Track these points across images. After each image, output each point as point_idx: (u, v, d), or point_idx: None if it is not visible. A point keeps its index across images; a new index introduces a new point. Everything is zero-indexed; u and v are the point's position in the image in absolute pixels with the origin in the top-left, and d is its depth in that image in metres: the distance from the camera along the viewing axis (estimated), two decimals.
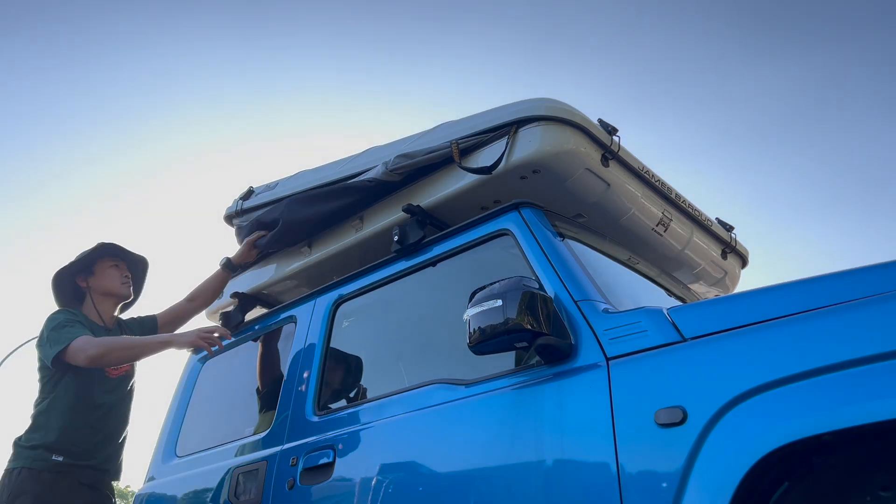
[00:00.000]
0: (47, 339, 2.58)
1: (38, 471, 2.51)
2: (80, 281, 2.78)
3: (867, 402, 1.16)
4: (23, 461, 2.55)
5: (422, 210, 2.47)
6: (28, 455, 2.56)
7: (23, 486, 2.47)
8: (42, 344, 2.60)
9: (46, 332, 2.60)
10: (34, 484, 2.50)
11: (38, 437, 2.57)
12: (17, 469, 2.53)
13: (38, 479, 2.51)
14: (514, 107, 2.36)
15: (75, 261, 2.74)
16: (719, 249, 2.96)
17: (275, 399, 2.58)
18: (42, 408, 2.59)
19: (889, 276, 1.37)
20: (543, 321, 1.70)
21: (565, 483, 1.53)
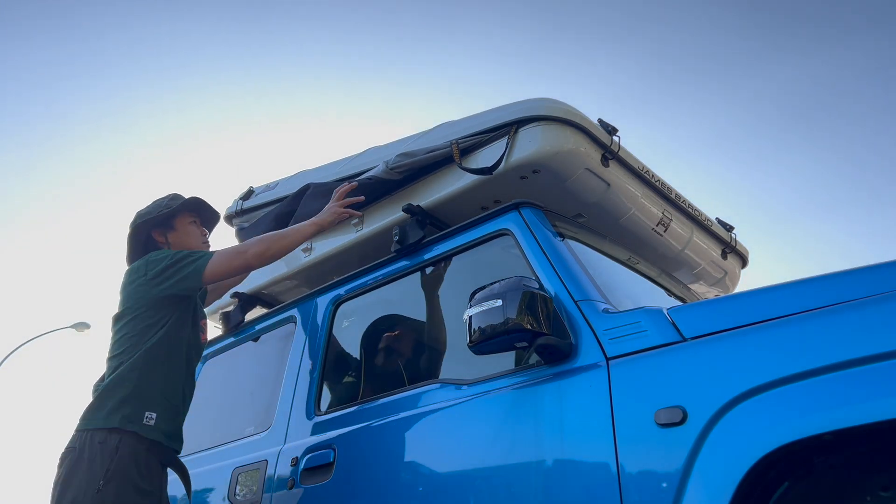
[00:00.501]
0: (167, 271, 2.16)
1: (130, 439, 2.01)
2: (157, 235, 2.38)
3: (867, 402, 1.16)
4: (116, 422, 2.01)
5: (422, 210, 2.47)
6: (121, 416, 2.03)
7: (123, 464, 1.95)
8: (159, 278, 2.16)
9: (161, 266, 2.17)
10: (132, 461, 1.98)
11: (128, 397, 2.05)
12: (104, 432, 1.99)
13: (134, 452, 2.00)
14: (514, 107, 2.36)
15: (155, 213, 2.37)
16: (719, 249, 2.96)
17: (275, 399, 2.58)
18: (133, 363, 2.09)
19: (889, 276, 1.37)
20: (543, 321, 1.70)
21: (565, 483, 1.53)
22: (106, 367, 2.13)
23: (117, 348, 2.12)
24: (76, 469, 1.93)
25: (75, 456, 1.96)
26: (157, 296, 2.15)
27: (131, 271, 2.21)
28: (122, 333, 2.13)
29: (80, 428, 2.03)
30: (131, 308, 2.16)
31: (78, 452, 1.96)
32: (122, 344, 2.12)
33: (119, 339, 2.13)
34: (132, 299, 2.16)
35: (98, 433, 1.98)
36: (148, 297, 2.15)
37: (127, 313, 2.15)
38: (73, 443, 2.01)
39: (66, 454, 2.00)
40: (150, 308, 2.15)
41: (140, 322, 2.13)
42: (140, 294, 2.16)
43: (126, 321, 2.14)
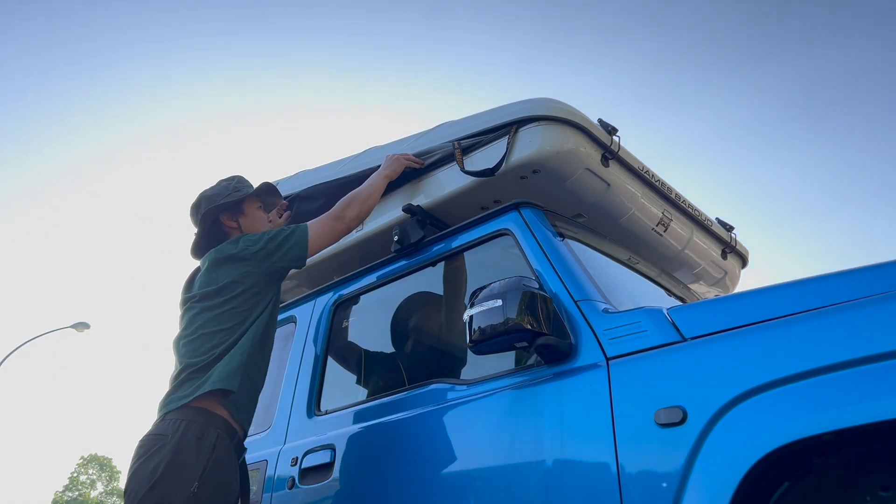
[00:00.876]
0: (270, 245, 2.10)
1: (224, 436, 1.90)
2: (227, 220, 2.27)
3: (867, 402, 1.16)
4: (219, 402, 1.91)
5: (422, 210, 2.47)
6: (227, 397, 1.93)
7: (219, 465, 1.83)
8: (262, 253, 2.09)
9: (262, 243, 2.10)
10: (227, 461, 1.86)
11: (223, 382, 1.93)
12: (200, 425, 1.86)
13: (228, 451, 1.89)
14: (514, 107, 2.36)
15: (225, 198, 2.27)
16: (719, 249, 2.96)
17: (275, 399, 2.58)
18: (236, 341, 2.00)
19: (889, 276, 1.37)
20: (543, 321, 1.70)
21: (565, 483, 1.53)
22: (192, 348, 2.00)
23: (213, 326, 2.01)
24: (169, 463, 1.77)
25: (167, 447, 1.79)
26: (266, 271, 2.09)
27: (222, 253, 2.11)
28: (221, 311, 2.03)
29: (175, 407, 1.87)
30: (230, 286, 2.05)
31: (172, 445, 1.80)
32: (219, 322, 2.01)
33: (215, 317, 2.02)
34: (229, 277, 2.06)
35: (195, 426, 1.84)
36: (254, 274, 2.08)
37: (225, 292, 2.05)
38: (162, 429, 1.84)
39: (155, 441, 1.82)
40: (254, 286, 2.08)
41: (243, 300, 2.05)
42: (244, 271, 2.07)
43: (225, 299, 2.04)
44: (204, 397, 1.89)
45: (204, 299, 2.06)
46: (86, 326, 17.33)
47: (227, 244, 2.14)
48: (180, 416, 1.85)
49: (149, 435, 1.87)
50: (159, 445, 1.80)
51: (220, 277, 2.07)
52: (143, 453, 1.82)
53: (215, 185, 2.36)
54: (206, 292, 2.07)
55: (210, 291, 2.06)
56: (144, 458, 1.80)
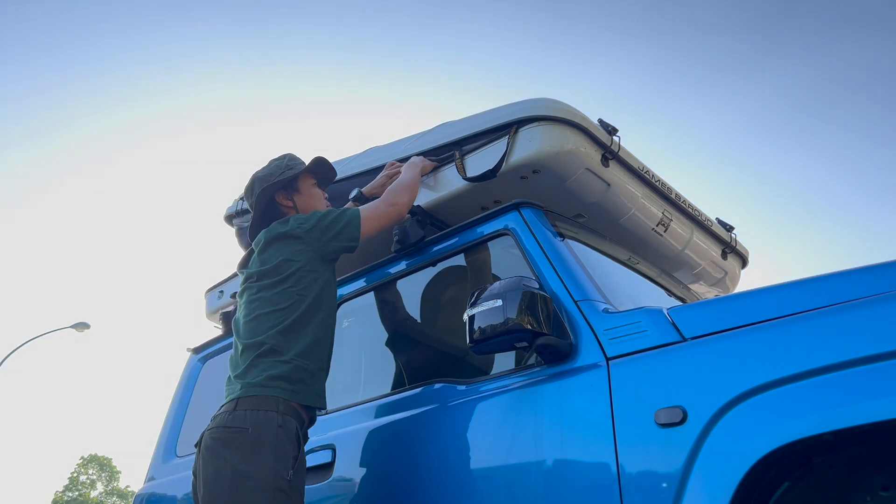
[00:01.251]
0: (322, 225, 2.07)
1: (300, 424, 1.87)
2: (282, 199, 2.24)
3: (867, 402, 1.16)
4: (287, 392, 1.85)
5: (422, 210, 2.48)
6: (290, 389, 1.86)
7: (277, 445, 1.77)
8: (315, 233, 2.06)
9: (314, 224, 2.07)
10: (286, 445, 1.80)
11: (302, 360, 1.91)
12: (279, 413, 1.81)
13: (288, 436, 1.82)
14: (514, 107, 2.36)
15: (278, 176, 2.23)
16: (719, 249, 2.96)
17: None
18: (288, 325, 1.94)
19: (889, 276, 1.37)
20: (543, 321, 1.70)
21: (565, 483, 1.53)
22: (250, 328, 1.97)
23: (269, 306, 1.97)
24: (257, 453, 1.73)
25: (250, 438, 1.75)
26: (319, 251, 2.06)
27: (273, 233, 2.08)
28: (276, 291, 1.99)
29: (246, 395, 1.83)
30: (283, 265, 2.02)
31: (254, 435, 1.76)
32: (275, 302, 1.97)
33: (271, 298, 1.98)
34: (281, 256, 2.03)
35: (273, 415, 1.79)
36: (307, 252, 2.04)
37: (278, 271, 2.01)
38: (239, 421, 1.79)
39: (234, 434, 1.77)
40: (308, 265, 2.03)
41: (296, 279, 2.00)
42: (296, 249, 2.04)
43: (279, 278, 2.00)
44: (272, 385, 1.85)
45: (259, 279, 2.03)
46: (86, 326, 17.34)
47: (276, 224, 2.11)
48: (255, 406, 1.81)
49: (224, 427, 1.80)
50: (241, 439, 1.76)
51: (271, 257, 2.04)
52: (221, 446, 1.77)
53: (266, 165, 2.31)
54: (260, 272, 2.03)
55: (264, 271, 2.03)
56: (225, 451, 1.75)
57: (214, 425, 1.83)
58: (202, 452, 1.82)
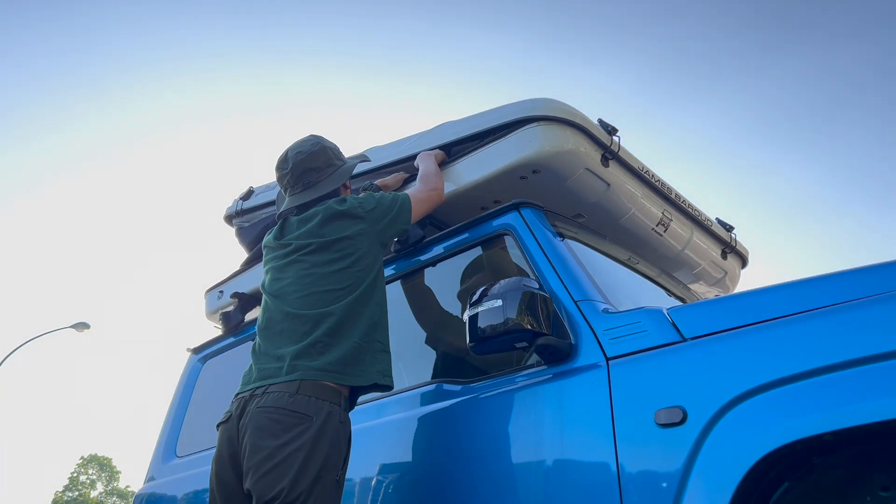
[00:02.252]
0: (381, 208, 2.07)
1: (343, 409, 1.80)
2: (343, 191, 2.23)
3: (867, 402, 1.16)
4: (374, 376, 1.84)
5: None
6: (378, 370, 1.86)
7: (336, 440, 1.73)
8: (375, 215, 2.05)
9: (372, 203, 2.06)
10: (344, 441, 1.77)
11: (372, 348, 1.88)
12: (341, 408, 1.78)
13: (346, 432, 1.79)
14: (514, 107, 2.36)
15: (349, 160, 2.27)
16: (719, 249, 2.96)
17: None
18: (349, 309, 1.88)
19: (889, 276, 1.37)
20: (543, 321, 1.70)
21: (565, 483, 1.53)
22: (307, 303, 1.89)
23: (325, 284, 1.91)
24: (316, 447, 1.67)
25: (313, 429, 1.69)
26: (377, 232, 2.05)
27: (334, 209, 2.03)
28: (334, 269, 1.93)
29: (312, 379, 1.76)
30: (342, 242, 1.97)
31: (318, 428, 1.69)
32: (333, 281, 1.91)
33: (328, 275, 1.92)
34: (341, 233, 1.98)
35: (336, 409, 1.75)
36: (368, 234, 2.02)
37: (337, 248, 1.96)
38: (303, 407, 1.71)
39: (295, 421, 1.69)
40: (367, 247, 2.00)
41: (355, 260, 1.95)
42: (358, 229, 2.00)
43: (337, 256, 1.95)
44: (336, 371, 1.79)
45: (315, 253, 1.96)
46: (86, 326, 17.34)
47: (334, 202, 2.06)
48: (320, 394, 1.74)
49: (286, 410, 1.71)
50: (304, 426, 1.69)
51: (330, 232, 1.98)
52: (281, 430, 1.69)
53: (320, 138, 2.25)
54: (318, 245, 1.97)
55: (322, 244, 1.97)
56: (285, 435, 1.68)
57: (271, 404, 1.72)
58: (253, 430, 1.71)
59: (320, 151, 2.17)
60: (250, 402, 1.77)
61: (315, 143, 2.19)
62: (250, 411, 1.75)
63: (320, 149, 2.18)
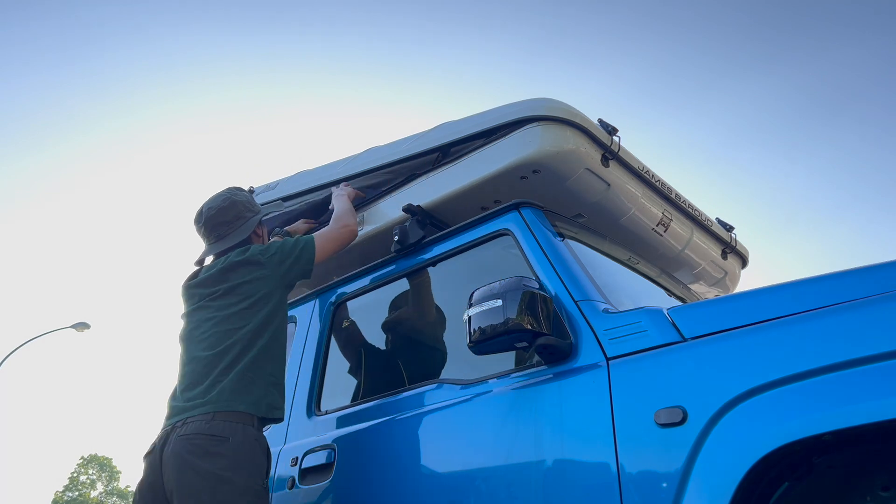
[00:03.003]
0: (282, 253, 2.25)
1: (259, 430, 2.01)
2: (257, 229, 2.45)
3: (867, 402, 1.16)
4: (263, 410, 2.02)
5: (422, 210, 2.47)
6: (267, 403, 2.04)
7: (254, 456, 1.94)
8: (279, 261, 2.23)
9: (278, 253, 2.24)
10: (262, 457, 1.98)
11: (271, 382, 2.08)
12: (254, 428, 1.97)
13: (262, 448, 1.99)
14: (514, 107, 2.36)
15: (260, 209, 2.49)
16: (719, 249, 2.96)
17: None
18: (265, 345, 2.10)
19: (889, 276, 1.37)
20: (543, 321, 1.70)
21: (565, 483, 1.53)
22: (210, 343, 2.09)
23: (228, 324, 2.11)
24: (238, 465, 1.87)
25: (232, 450, 1.89)
26: (279, 276, 2.22)
27: (239, 257, 2.22)
28: (236, 310, 2.13)
29: (223, 409, 1.95)
30: (244, 287, 2.17)
31: (235, 448, 1.90)
32: (234, 321, 2.11)
33: (230, 316, 2.12)
34: (243, 279, 2.18)
35: (250, 429, 1.95)
36: (269, 278, 2.20)
37: (239, 292, 2.16)
38: (220, 430, 1.91)
39: (214, 443, 1.89)
40: (267, 289, 2.18)
41: (255, 301, 2.15)
42: (259, 275, 2.19)
43: (240, 299, 2.15)
44: (242, 401, 1.98)
45: (220, 298, 2.17)
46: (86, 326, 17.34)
47: (239, 251, 2.26)
48: (232, 419, 1.94)
49: (204, 435, 1.90)
50: (222, 447, 1.89)
51: (233, 278, 2.18)
52: (202, 452, 1.87)
53: (236, 191, 2.46)
54: (222, 291, 2.17)
55: (225, 290, 2.17)
56: (205, 456, 1.87)
57: (190, 432, 1.91)
58: (174, 458, 1.90)
59: (230, 206, 2.38)
60: (172, 434, 1.96)
61: (226, 198, 2.40)
62: (172, 440, 1.94)
63: (230, 204, 2.39)
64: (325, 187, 2.93)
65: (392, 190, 2.68)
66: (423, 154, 2.60)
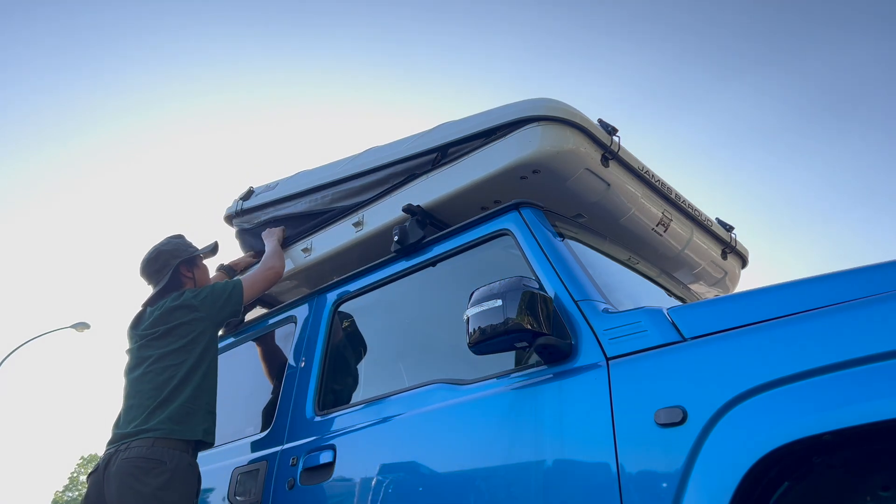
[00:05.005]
0: (219, 300, 2.51)
1: (191, 461, 2.24)
2: (185, 271, 2.68)
3: (867, 402, 1.16)
4: (200, 434, 2.26)
5: (422, 210, 2.47)
6: (203, 429, 2.28)
7: (187, 479, 2.18)
8: (215, 307, 2.49)
9: (211, 297, 2.50)
10: (194, 480, 2.24)
11: (206, 410, 2.33)
12: (189, 454, 2.22)
13: (194, 473, 2.25)
14: (514, 107, 2.36)
15: (185, 253, 2.69)
16: (719, 249, 2.96)
17: (275, 399, 2.58)
18: (202, 376, 2.36)
19: (889, 276, 1.37)
20: (543, 321, 1.70)
21: (565, 483, 1.53)
22: (149, 378, 2.32)
23: (166, 361, 2.35)
24: (171, 486, 2.11)
25: (168, 472, 2.12)
26: (212, 317, 2.48)
27: (174, 302, 2.47)
28: (172, 348, 2.37)
29: (162, 436, 2.17)
30: (179, 328, 2.41)
31: (171, 471, 2.13)
32: (171, 358, 2.35)
33: (167, 354, 2.36)
34: (178, 320, 2.42)
35: (185, 455, 2.19)
36: (203, 320, 2.45)
37: (175, 333, 2.40)
38: (159, 455, 2.14)
39: (153, 465, 2.12)
40: (200, 329, 2.43)
41: (189, 340, 2.40)
42: (192, 317, 2.44)
43: (175, 338, 2.39)
44: (177, 429, 2.21)
45: (158, 339, 2.41)
46: (86, 326, 17.33)
47: (173, 297, 2.50)
48: (169, 447, 2.17)
49: (144, 458, 2.13)
50: (159, 469, 2.12)
51: (171, 320, 2.43)
52: (139, 473, 2.11)
53: (166, 242, 2.72)
54: (158, 333, 2.42)
55: (162, 332, 2.41)
56: (142, 478, 2.10)
57: (132, 455, 2.14)
58: (116, 478, 2.12)
59: (155, 257, 2.66)
60: (115, 456, 2.18)
61: (153, 250, 2.68)
62: (115, 462, 2.17)
63: (156, 255, 2.66)
64: (326, 187, 2.93)
65: (392, 190, 2.67)
66: (423, 154, 2.60)
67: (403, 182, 2.64)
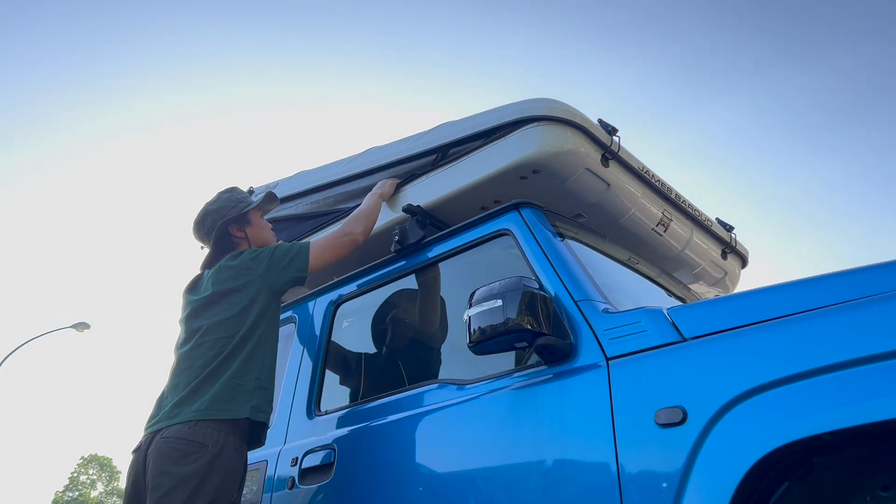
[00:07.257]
0: (272, 259, 2.21)
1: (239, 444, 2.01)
2: (235, 231, 2.37)
3: (867, 402, 1.16)
4: (247, 411, 2.02)
5: (422, 210, 2.47)
6: (251, 406, 2.04)
7: (230, 465, 1.96)
8: (273, 269, 2.20)
9: (270, 259, 2.21)
10: (239, 467, 2.01)
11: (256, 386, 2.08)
12: (237, 437, 1.99)
13: (241, 458, 2.02)
14: (514, 107, 2.36)
15: (232, 210, 2.38)
16: (719, 249, 2.96)
17: (275, 399, 2.58)
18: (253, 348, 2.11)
19: (889, 276, 1.37)
20: (543, 321, 1.70)
21: (565, 483, 1.53)
22: (200, 352, 2.09)
23: (216, 333, 2.10)
24: (211, 472, 1.90)
25: (208, 457, 1.91)
26: (268, 283, 2.20)
27: (226, 265, 2.21)
28: (224, 318, 2.12)
29: (205, 417, 1.96)
30: (232, 295, 2.15)
31: (213, 455, 1.92)
32: (222, 330, 2.10)
33: (218, 324, 2.11)
34: (231, 286, 2.16)
35: (232, 438, 1.97)
36: (256, 284, 2.18)
37: (227, 300, 2.15)
38: (201, 437, 1.93)
39: (194, 448, 1.92)
40: (255, 297, 2.16)
41: (242, 308, 2.14)
42: (245, 281, 2.17)
43: (227, 307, 2.14)
44: (225, 409, 2.00)
45: (208, 307, 2.16)
46: (86, 326, 17.33)
47: (229, 257, 2.24)
48: (216, 427, 1.96)
49: (182, 440, 1.93)
50: (199, 453, 1.91)
51: (223, 287, 2.17)
52: (178, 456, 1.90)
53: (215, 198, 2.44)
54: (211, 298, 2.16)
55: (214, 297, 2.16)
56: (181, 461, 1.89)
57: (172, 435, 1.94)
58: (156, 457, 1.93)
59: (202, 219, 2.40)
60: (157, 435, 1.99)
61: (201, 210, 2.42)
62: (156, 441, 1.98)
63: (203, 215, 2.41)
64: (325, 188, 2.93)
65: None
66: (423, 154, 2.60)
67: (404, 182, 2.64)
